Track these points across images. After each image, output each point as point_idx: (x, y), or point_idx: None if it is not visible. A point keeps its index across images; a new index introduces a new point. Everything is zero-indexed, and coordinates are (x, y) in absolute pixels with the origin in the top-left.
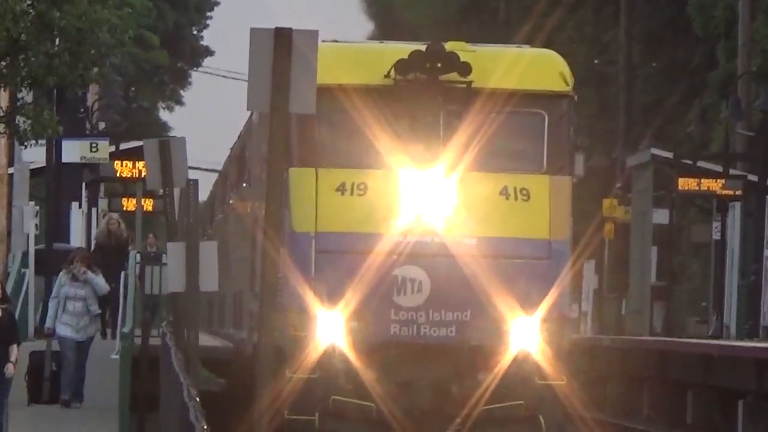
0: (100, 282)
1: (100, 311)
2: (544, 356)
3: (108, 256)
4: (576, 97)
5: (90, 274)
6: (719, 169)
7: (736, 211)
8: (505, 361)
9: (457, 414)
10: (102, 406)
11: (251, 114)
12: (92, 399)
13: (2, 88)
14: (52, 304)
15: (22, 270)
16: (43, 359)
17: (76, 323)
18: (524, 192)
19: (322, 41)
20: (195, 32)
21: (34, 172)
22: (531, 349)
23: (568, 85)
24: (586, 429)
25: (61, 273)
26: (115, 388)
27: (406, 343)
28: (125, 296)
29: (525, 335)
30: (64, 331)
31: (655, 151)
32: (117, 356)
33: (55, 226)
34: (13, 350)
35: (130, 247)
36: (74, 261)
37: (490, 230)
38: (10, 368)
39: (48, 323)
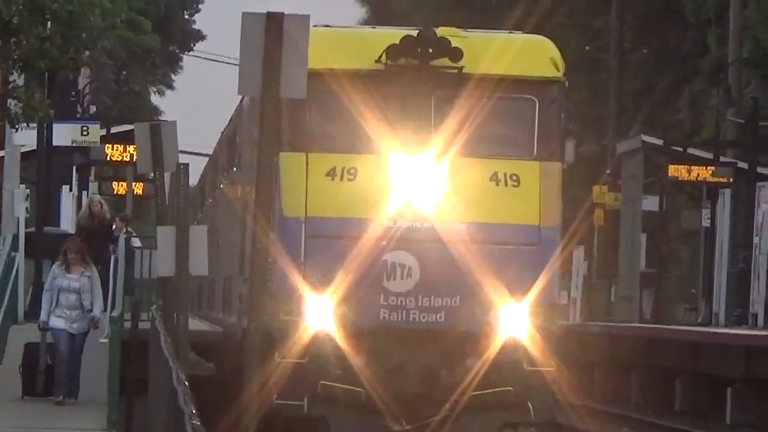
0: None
1: (95, 312)
2: (533, 342)
3: (92, 238)
4: (567, 83)
5: (95, 278)
6: (709, 156)
7: (725, 198)
8: (494, 347)
9: (446, 399)
10: (91, 391)
11: (242, 99)
12: (81, 384)
13: None
14: (45, 297)
15: (12, 253)
16: (38, 351)
17: (69, 316)
18: (514, 178)
19: (314, 26)
20: (186, 16)
21: (25, 156)
22: (520, 335)
23: (559, 71)
24: (575, 415)
25: (54, 265)
26: (104, 372)
27: (396, 329)
28: (114, 280)
29: (514, 321)
30: (57, 323)
31: (645, 137)
32: (106, 340)
33: (45, 209)
34: None
35: (114, 230)
36: (67, 252)
37: (479, 216)
38: None
39: (42, 317)
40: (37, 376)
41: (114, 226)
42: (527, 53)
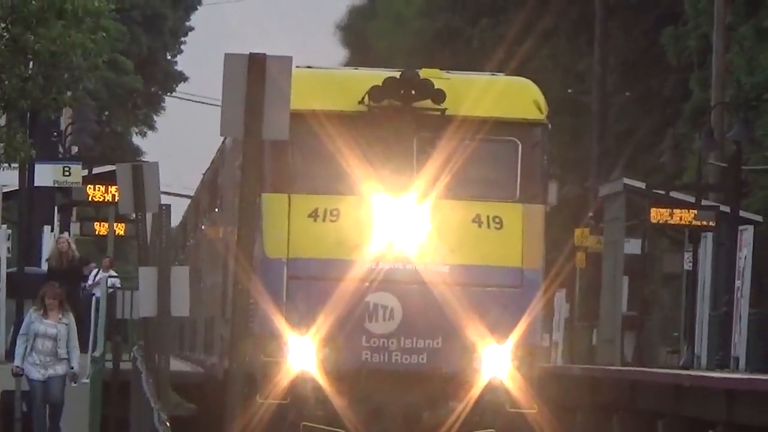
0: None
1: (74, 367)
2: (515, 384)
3: (61, 279)
4: (550, 126)
5: (72, 326)
6: (691, 199)
7: (708, 242)
8: (476, 388)
9: None
10: (72, 430)
11: (224, 139)
12: (62, 424)
13: None
14: (20, 341)
15: None
16: (13, 399)
17: (44, 362)
18: (497, 220)
19: (296, 67)
20: (169, 57)
21: (6, 195)
22: (502, 377)
23: (542, 113)
24: None
25: (30, 310)
26: (85, 413)
27: (378, 370)
28: (96, 320)
29: (496, 363)
30: (31, 372)
31: (627, 180)
32: (87, 381)
33: (26, 249)
34: None
35: (85, 269)
36: (44, 297)
37: (462, 258)
38: None
39: (16, 361)
40: (14, 424)
41: (92, 266)
42: (510, 95)
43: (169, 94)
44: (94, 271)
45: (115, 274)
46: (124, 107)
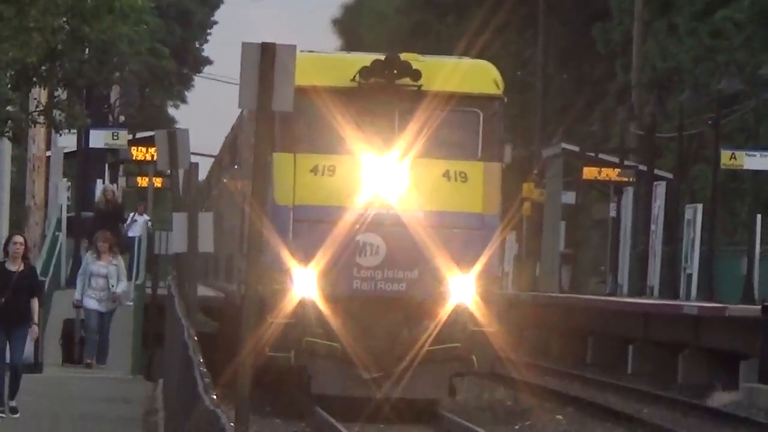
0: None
1: (117, 291)
2: (477, 307)
3: (107, 220)
4: (506, 99)
5: (121, 267)
6: (616, 160)
7: (629, 195)
8: (445, 311)
9: (407, 353)
10: (119, 344)
11: (242, 111)
12: (111, 338)
13: (42, 87)
14: (79, 280)
15: (56, 233)
16: (74, 326)
17: (99, 296)
18: (462, 175)
19: (300, 51)
20: (197, 45)
21: (67, 156)
22: (467, 301)
23: (499, 89)
24: (509, 365)
25: (87, 253)
26: (129, 329)
27: (366, 296)
28: (138, 254)
29: (462, 290)
30: (89, 303)
31: (564, 145)
32: (131, 304)
33: (83, 198)
34: (35, 305)
35: (126, 213)
36: (97, 242)
37: (434, 205)
38: (34, 330)
39: (76, 296)
40: (74, 346)
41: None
42: (474, 74)
43: (197, 74)
44: (131, 215)
45: (147, 217)
46: (162, 85)
